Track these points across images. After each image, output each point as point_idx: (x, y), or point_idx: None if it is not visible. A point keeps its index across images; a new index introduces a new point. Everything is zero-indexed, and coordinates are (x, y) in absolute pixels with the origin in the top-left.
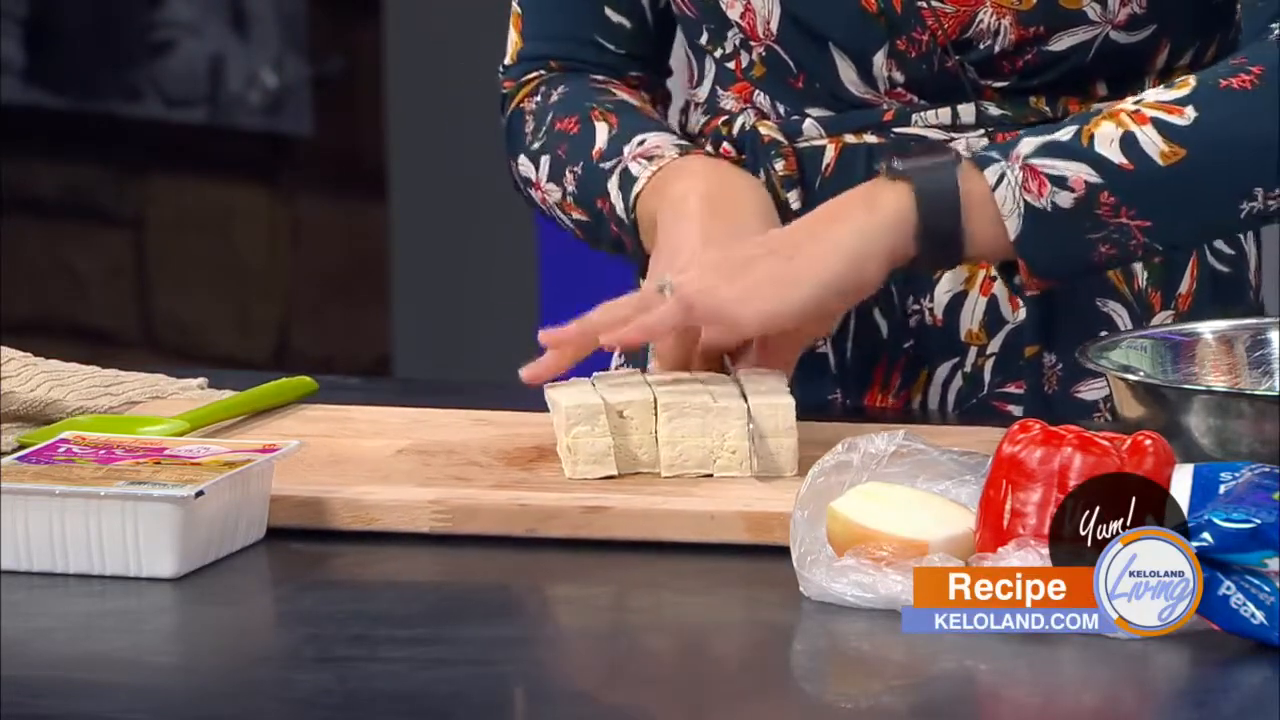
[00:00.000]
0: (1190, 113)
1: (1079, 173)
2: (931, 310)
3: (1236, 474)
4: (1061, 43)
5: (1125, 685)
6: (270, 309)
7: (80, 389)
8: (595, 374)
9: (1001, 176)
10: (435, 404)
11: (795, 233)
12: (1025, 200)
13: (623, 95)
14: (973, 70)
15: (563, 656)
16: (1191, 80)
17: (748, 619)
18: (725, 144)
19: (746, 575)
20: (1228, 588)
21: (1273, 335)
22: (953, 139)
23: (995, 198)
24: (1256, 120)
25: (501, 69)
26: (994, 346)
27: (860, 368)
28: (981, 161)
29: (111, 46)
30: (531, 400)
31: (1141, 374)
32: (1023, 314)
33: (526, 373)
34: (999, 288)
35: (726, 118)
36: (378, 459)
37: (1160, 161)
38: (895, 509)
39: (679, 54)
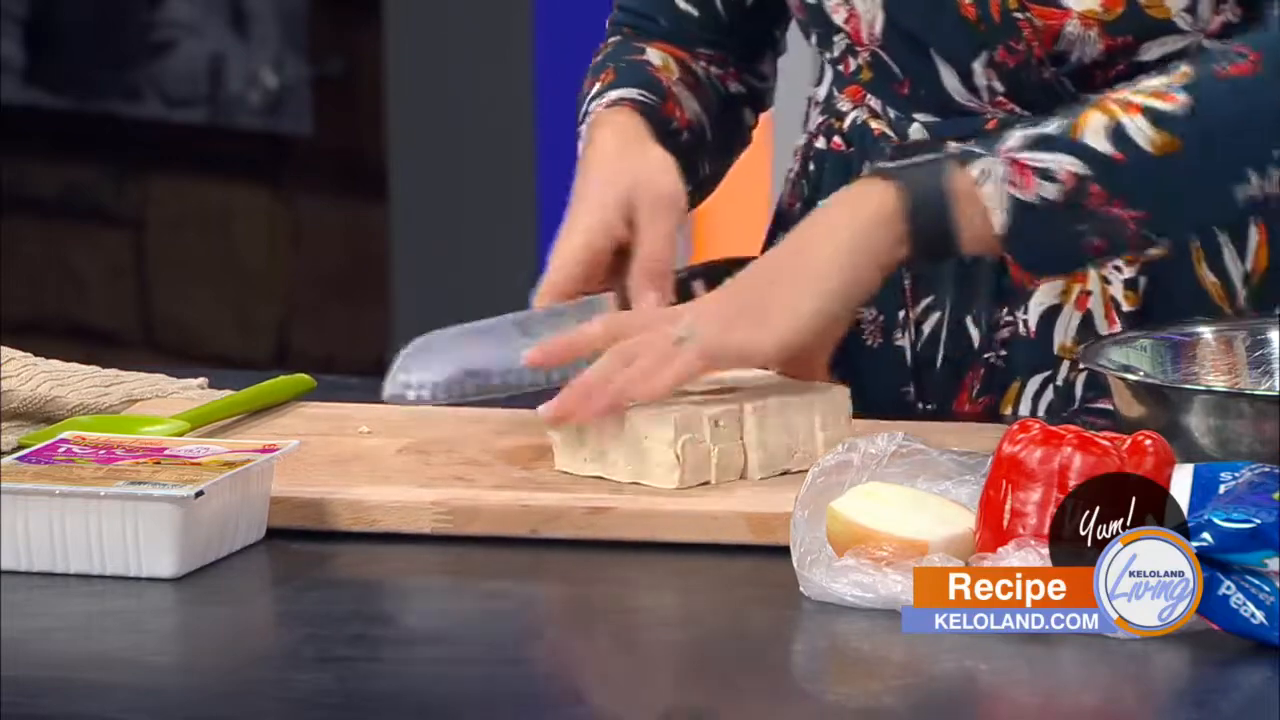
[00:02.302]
0: (1184, 99)
1: (1067, 165)
2: (1025, 322)
3: (1236, 474)
4: (1151, 53)
5: (1125, 685)
6: (270, 309)
7: (80, 388)
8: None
9: (987, 171)
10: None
11: (785, 254)
12: (1011, 194)
13: (649, 55)
14: (1069, 83)
15: (564, 657)
16: (1189, 68)
17: (748, 619)
18: (836, 138)
19: (747, 575)
20: (1228, 588)
21: (1273, 335)
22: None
23: (981, 193)
24: (1253, 105)
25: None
26: None
27: (949, 375)
28: (966, 157)
29: (111, 46)
30: (530, 399)
31: (1141, 374)
32: (1119, 330)
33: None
34: (1094, 302)
35: (839, 116)
36: (378, 458)
37: (1152, 151)
38: (895, 509)
39: (809, 54)
